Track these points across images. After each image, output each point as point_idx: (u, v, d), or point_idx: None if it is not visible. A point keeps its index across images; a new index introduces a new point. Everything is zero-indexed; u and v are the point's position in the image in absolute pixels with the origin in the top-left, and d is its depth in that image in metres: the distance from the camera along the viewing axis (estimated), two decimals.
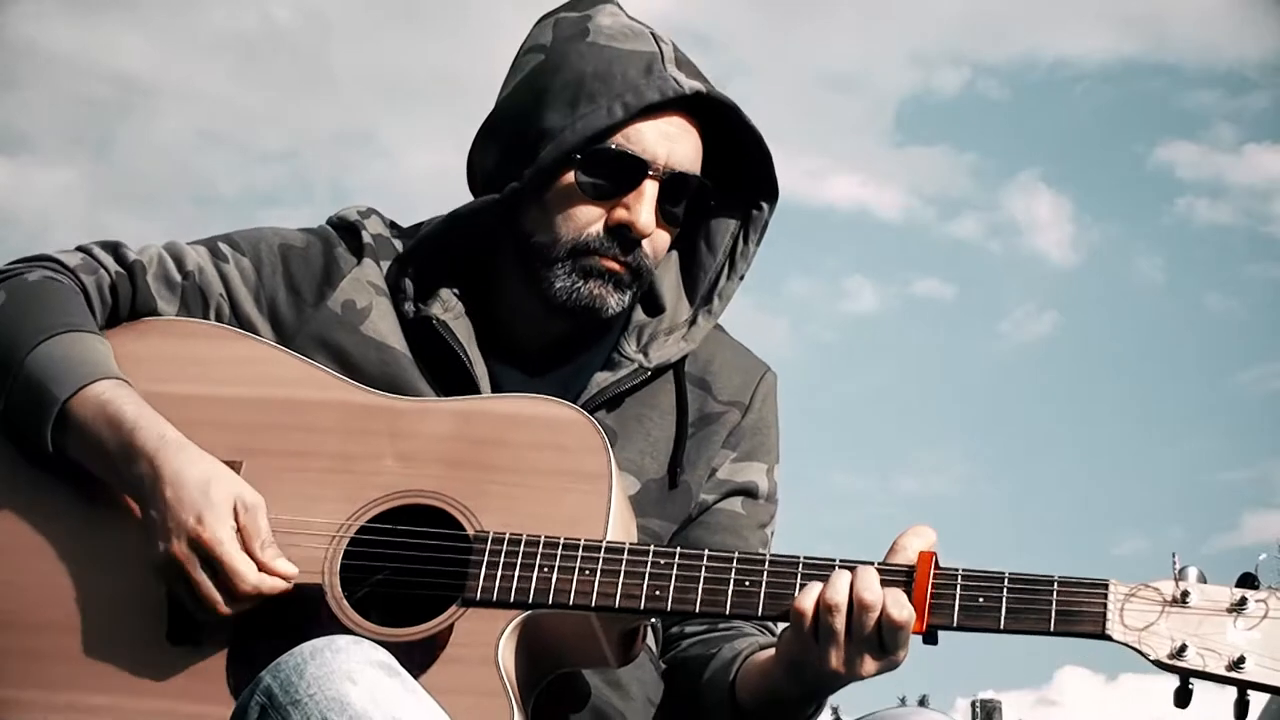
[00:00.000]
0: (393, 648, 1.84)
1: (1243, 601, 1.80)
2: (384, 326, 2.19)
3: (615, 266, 2.18)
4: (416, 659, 1.88)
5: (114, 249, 2.23)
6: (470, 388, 2.16)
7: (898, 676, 1.91)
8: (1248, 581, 1.84)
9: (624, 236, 2.17)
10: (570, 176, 2.17)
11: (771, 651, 2.04)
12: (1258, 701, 1.85)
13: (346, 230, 2.29)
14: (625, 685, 2.12)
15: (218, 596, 1.94)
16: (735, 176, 2.28)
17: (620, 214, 2.17)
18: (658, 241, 2.21)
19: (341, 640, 1.79)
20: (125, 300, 2.20)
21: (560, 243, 2.18)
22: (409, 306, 2.21)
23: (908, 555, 1.92)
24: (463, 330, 2.20)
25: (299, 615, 1.95)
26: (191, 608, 1.96)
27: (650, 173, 2.17)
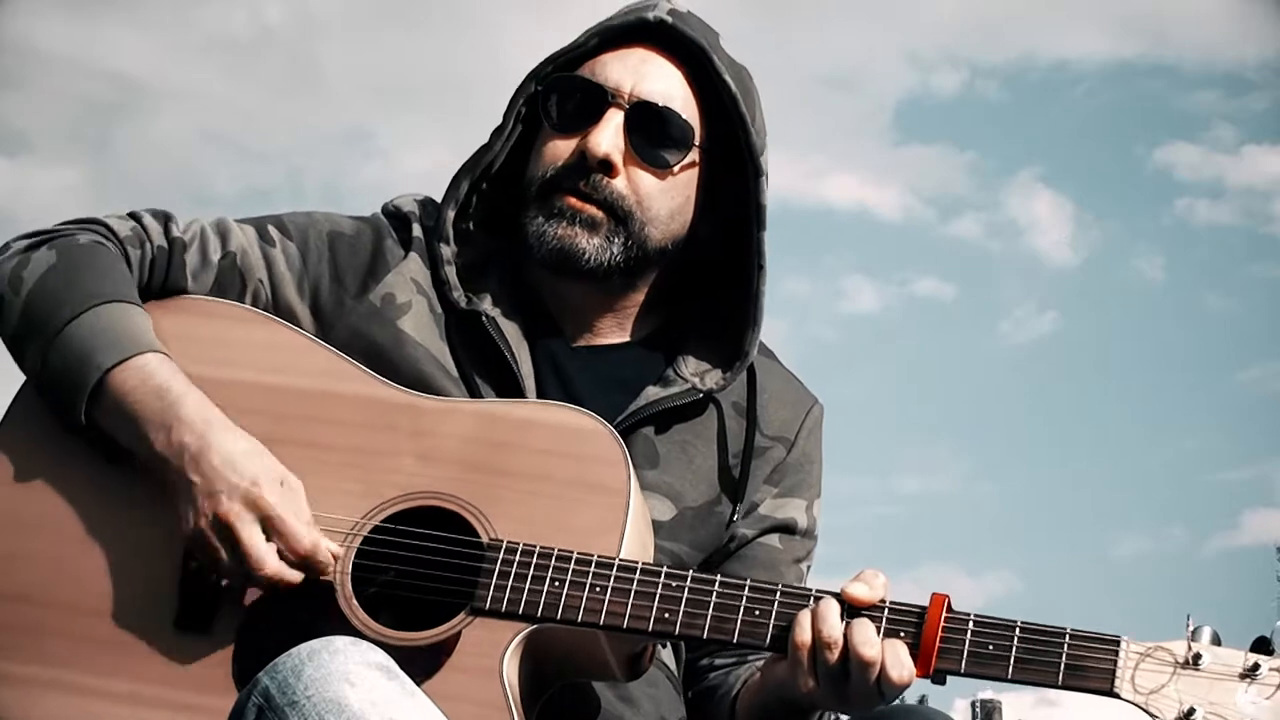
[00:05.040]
0: (399, 651, 1.84)
1: (1255, 668, 1.78)
2: (420, 325, 2.19)
3: (577, 203, 2.17)
4: (422, 664, 1.88)
5: (164, 220, 2.23)
6: (514, 388, 2.16)
7: None
8: (1262, 646, 1.82)
9: (581, 166, 2.16)
10: (541, 116, 2.22)
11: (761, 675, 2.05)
12: None
13: (399, 221, 2.28)
14: (636, 700, 2.12)
15: (268, 552, 1.93)
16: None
17: (582, 145, 2.17)
18: (638, 182, 2.18)
19: (339, 641, 1.79)
20: (160, 276, 2.19)
21: (532, 182, 2.21)
22: (459, 296, 2.20)
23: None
24: (511, 329, 2.20)
25: (308, 612, 1.94)
26: (230, 572, 1.94)
27: (611, 100, 2.17)
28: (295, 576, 1.94)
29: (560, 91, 2.21)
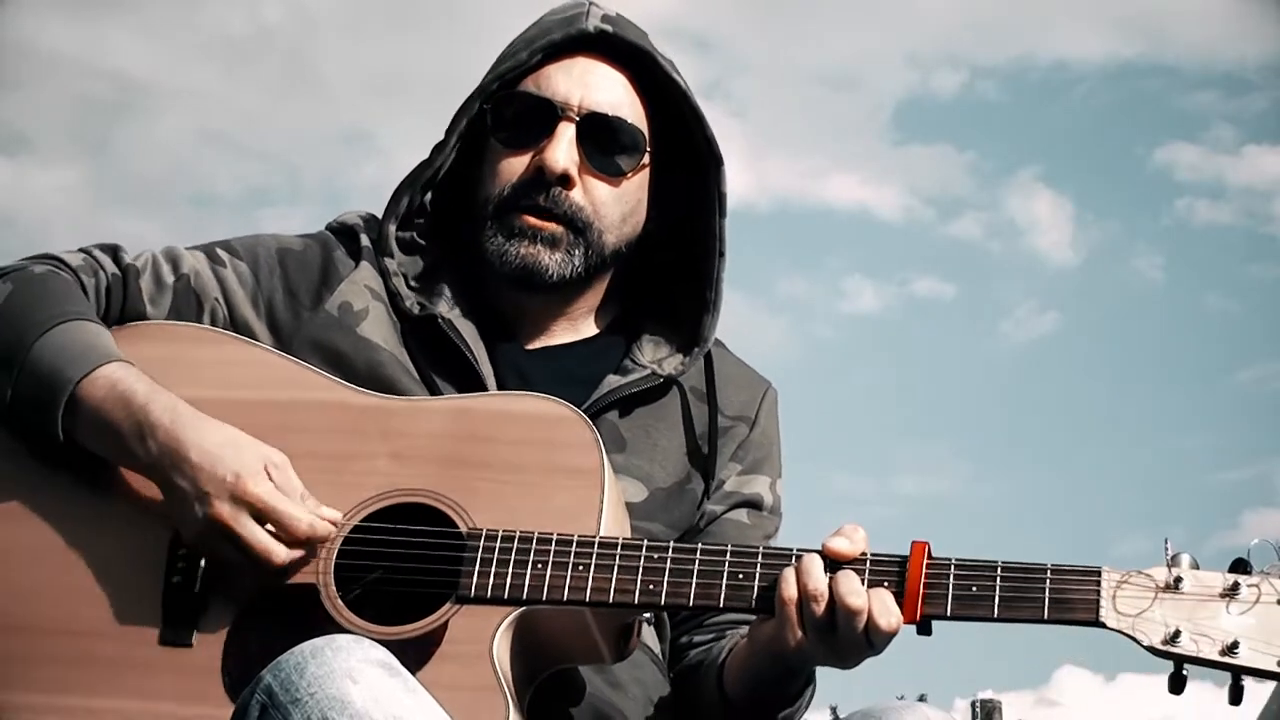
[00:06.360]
0: (389, 645, 1.84)
1: (1235, 587, 1.80)
2: (380, 331, 2.20)
3: (536, 221, 2.19)
4: (412, 656, 1.88)
5: (113, 252, 2.24)
6: (477, 387, 2.17)
7: (896, 677, 1.92)
8: (1240, 567, 1.84)
9: (539, 182, 2.18)
10: (490, 133, 2.23)
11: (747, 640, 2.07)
12: (1257, 700, 1.85)
13: (345, 234, 2.30)
14: (624, 685, 2.12)
15: (272, 544, 1.93)
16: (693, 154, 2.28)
17: (537, 160, 2.19)
18: (593, 192, 2.21)
19: (342, 639, 1.79)
20: (117, 304, 2.20)
21: (488, 201, 2.22)
22: (411, 304, 2.22)
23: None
24: (469, 330, 2.22)
25: (295, 615, 1.94)
26: (245, 570, 1.95)
27: (562, 114, 2.19)
28: (302, 554, 1.95)
29: (508, 108, 2.23)
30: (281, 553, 1.94)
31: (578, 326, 2.31)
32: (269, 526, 1.94)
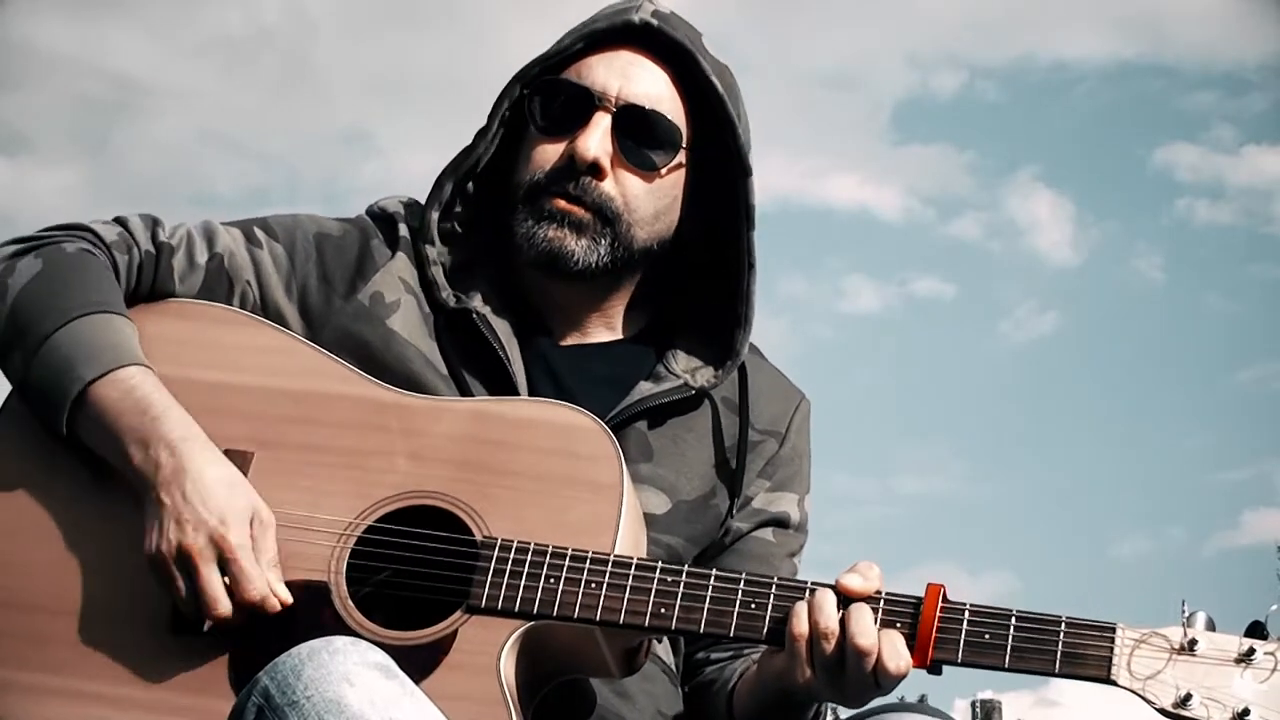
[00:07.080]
0: (395, 650, 1.84)
1: (1250, 652, 1.79)
2: (410, 324, 2.19)
3: (565, 205, 2.18)
4: (419, 663, 1.87)
5: (151, 225, 2.23)
6: (506, 384, 2.16)
7: None
8: (1256, 631, 1.83)
9: (570, 170, 2.17)
10: (528, 118, 2.22)
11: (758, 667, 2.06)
12: None
13: (384, 221, 2.28)
14: (632, 695, 2.12)
15: (221, 595, 1.92)
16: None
17: (570, 149, 2.18)
18: (625, 184, 2.19)
19: (339, 641, 1.79)
20: (147, 281, 2.19)
21: (520, 185, 2.21)
22: (447, 295, 2.20)
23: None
24: (502, 327, 2.21)
25: (304, 612, 1.94)
26: (184, 604, 1.94)
27: (599, 103, 2.18)
28: (239, 620, 1.93)
29: (547, 95, 2.21)
30: (226, 607, 1.92)
31: (610, 325, 2.30)
32: (225, 578, 1.93)
